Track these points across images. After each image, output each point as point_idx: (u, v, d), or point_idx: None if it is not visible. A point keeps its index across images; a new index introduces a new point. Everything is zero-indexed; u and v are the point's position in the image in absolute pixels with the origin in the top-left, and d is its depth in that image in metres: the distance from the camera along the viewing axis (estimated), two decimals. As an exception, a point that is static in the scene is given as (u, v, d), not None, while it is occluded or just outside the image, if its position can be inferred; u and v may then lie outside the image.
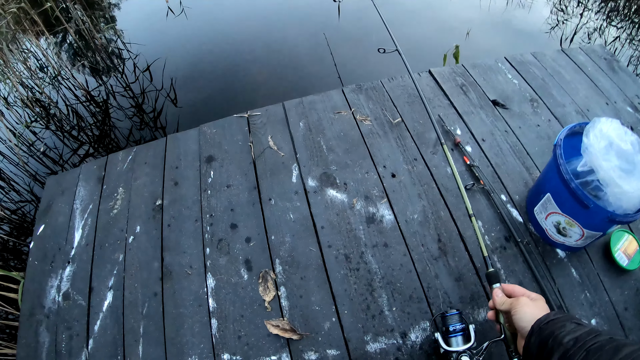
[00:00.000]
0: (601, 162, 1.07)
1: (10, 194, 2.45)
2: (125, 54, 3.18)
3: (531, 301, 0.85)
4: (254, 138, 1.61)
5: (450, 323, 1.05)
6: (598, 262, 1.32)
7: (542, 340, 0.73)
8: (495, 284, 0.99)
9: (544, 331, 0.74)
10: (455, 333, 1.03)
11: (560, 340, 0.69)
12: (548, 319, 0.76)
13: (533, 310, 0.81)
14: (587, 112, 1.73)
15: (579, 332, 0.69)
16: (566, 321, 0.73)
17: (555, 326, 0.73)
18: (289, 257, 1.31)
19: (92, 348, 1.25)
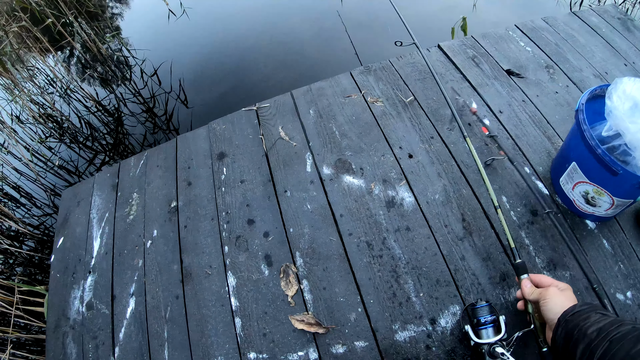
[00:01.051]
0: (627, 124, 1.00)
1: (32, 210, 2.48)
2: (132, 60, 3.19)
3: (560, 291, 0.86)
4: (265, 130, 1.57)
5: (481, 315, 1.03)
6: (630, 231, 1.25)
7: (568, 332, 0.75)
8: (523, 275, 1.00)
9: (570, 323, 0.76)
10: (485, 325, 1.01)
11: (584, 332, 0.71)
12: (574, 310, 0.78)
13: (562, 301, 0.83)
14: (605, 75, 1.65)
15: (602, 322, 0.71)
16: (591, 312, 0.75)
17: (581, 317, 0.75)
18: (309, 249, 1.27)
19: (118, 356, 1.25)
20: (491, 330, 1.00)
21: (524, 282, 0.97)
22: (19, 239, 2.33)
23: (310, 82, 1.69)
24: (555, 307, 0.82)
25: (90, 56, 3.20)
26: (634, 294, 1.15)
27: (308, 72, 2.77)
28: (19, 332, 1.84)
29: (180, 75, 2.94)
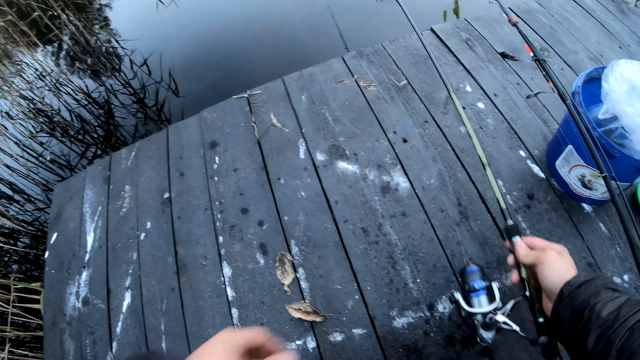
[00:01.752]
0: (624, 107, 0.99)
1: (26, 206, 2.46)
2: (121, 51, 3.14)
3: (558, 256, 0.76)
4: (256, 117, 1.54)
5: (472, 280, 0.95)
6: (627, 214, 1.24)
7: (575, 309, 0.66)
8: (515, 237, 0.88)
9: (576, 299, 0.66)
10: (477, 292, 0.94)
11: (598, 314, 0.62)
12: (579, 281, 0.68)
13: (560, 268, 0.74)
14: (600, 57, 1.64)
15: (617, 303, 0.62)
16: (600, 287, 0.66)
17: (589, 292, 0.66)
18: (305, 237, 1.26)
19: (116, 350, 1.24)
20: (484, 297, 0.92)
21: (517, 244, 0.86)
22: (14, 236, 2.31)
23: (302, 67, 1.66)
24: (554, 274, 0.73)
25: (79, 49, 3.15)
26: (631, 277, 1.15)
27: (300, 57, 2.74)
28: (17, 330, 1.83)
29: (171, 65, 2.89)
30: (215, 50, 2.96)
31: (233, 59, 2.87)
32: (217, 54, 2.93)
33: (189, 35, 3.12)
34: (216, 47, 2.98)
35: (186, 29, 3.18)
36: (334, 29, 2.88)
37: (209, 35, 3.07)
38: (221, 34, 3.07)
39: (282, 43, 2.92)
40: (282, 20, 3.10)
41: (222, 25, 3.13)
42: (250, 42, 2.96)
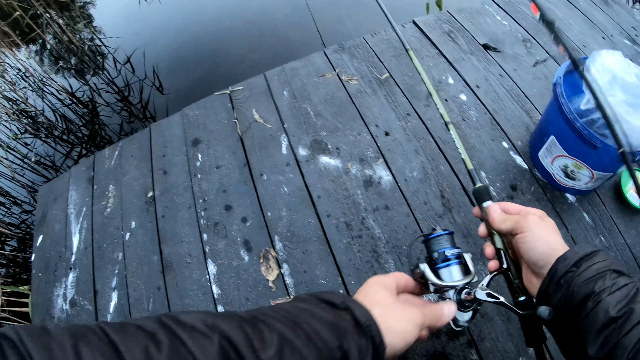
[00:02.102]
0: (606, 97, 0.99)
1: (12, 209, 2.43)
2: (104, 49, 3.11)
3: (541, 222, 0.63)
4: (239, 114, 1.53)
5: (441, 247, 0.71)
6: (610, 204, 1.26)
7: (572, 295, 0.54)
8: (487, 202, 0.72)
9: (574, 281, 0.54)
10: (448, 261, 0.69)
11: (606, 308, 0.49)
12: (576, 257, 0.56)
13: (546, 235, 0.61)
14: (583, 48, 1.65)
15: (627, 294, 0.50)
16: (604, 268, 0.54)
17: (589, 274, 0.53)
18: (288, 232, 1.26)
19: (104, 351, 1.23)
20: (456, 269, 0.69)
21: (490, 206, 0.70)
22: (1, 240, 2.29)
23: (285, 62, 1.65)
24: (539, 243, 0.60)
25: (62, 48, 3.11)
26: None
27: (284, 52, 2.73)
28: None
29: (154, 62, 2.87)
30: (199, 46, 2.94)
31: (217, 55, 2.85)
32: (200, 50, 2.91)
33: (172, 32, 3.10)
34: (200, 43, 2.96)
35: (169, 26, 3.15)
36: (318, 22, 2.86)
37: (193, 32, 3.05)
38: (204, 30, 3.05)
39: (265, 38, 2.90)
40: (266, 15, 3.08)
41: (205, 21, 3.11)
42: (234, 37, 2.94)
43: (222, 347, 0.41)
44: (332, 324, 0.49)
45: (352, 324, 0.50)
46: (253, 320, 0.46)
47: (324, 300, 0.53)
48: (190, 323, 0.43)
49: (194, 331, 0.42)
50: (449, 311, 0.62)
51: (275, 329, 0.45)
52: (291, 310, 0.50)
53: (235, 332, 0.43)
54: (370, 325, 0.50)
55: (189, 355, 0.39)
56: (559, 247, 0.59)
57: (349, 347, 0.47)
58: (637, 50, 1.65)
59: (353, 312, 0.51)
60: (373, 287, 0.60)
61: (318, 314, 0.50)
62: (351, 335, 0.49)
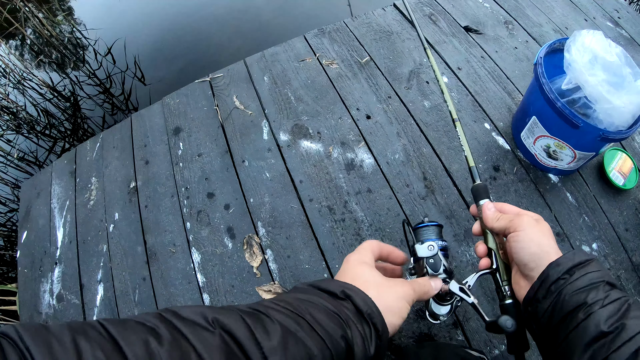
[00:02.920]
0: (587, 77, 1.00)
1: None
2: (85, 41, 3.06)
3: (535, 223, 0.62)
4: (219, 101, 1.52)
5: (428, 237, 0.75)
6: (593, 184, 1.27)
7: (563, 304, 0.52)
8: (483, 200, 0.72)
9: (566, 289, 0.52)
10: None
11: (597, 322, 0.48)
12: (570, 264, 0.54)
13: (539, 237, 0.59)
14: (565, 30, 1.64)
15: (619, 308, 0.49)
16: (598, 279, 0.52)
17: (582, 284, 0.52)
18: (271, 218, 1.25)
19: (92, 344, 1.22)
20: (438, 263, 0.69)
21: (485, 204, 0.70)
22: (-14, 239, 2.27)
23: (267, 48, 1.64)
24: (532, 243, 0.58)
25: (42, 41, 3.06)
26: (600, 246, 1.17)
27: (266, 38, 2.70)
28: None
29: (136, 53, 2.83)
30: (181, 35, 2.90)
31: (199, 44, 2.82)
32: (182, 39, 2.87)
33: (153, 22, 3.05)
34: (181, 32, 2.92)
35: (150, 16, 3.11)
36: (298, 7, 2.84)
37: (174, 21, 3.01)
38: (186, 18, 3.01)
39: (246, 25, 2.87)
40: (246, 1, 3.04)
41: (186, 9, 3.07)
42: (215, 25, 2.91)
43: (224, 340, 0.41)
44: (334, 313, 0.49)
45: (354, 312, 0.50)
46: (254, 313, 0.45)
47: (324, 290, 0.53)
48: (191, 317, 0.42)
49: (195, 325, 0.41)
50: (435, 285, 0.65)
51: (277, 321, 0.44)
52: (292, 301, 0.50)
53: (237, 325, 0.42)
54: (372, 312, 0.51)
55: (190, 349, 0.39)
56: (552, 251, 0.58)
57: (353, 336, 0.48)
58: (619, 33, 1.65)
59: (354, 300, 0.51)
60: (357, 267, 0.60)
61: (319, 304, 0.50)
62: (354, 324, 0.49)
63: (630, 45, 1.61)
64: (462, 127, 0.84)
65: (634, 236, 1.20)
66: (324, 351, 0.45)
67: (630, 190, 1.26)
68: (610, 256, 1.16)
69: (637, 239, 1.20)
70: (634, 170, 1.28)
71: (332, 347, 0.45)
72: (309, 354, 0.43)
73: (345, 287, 0.53)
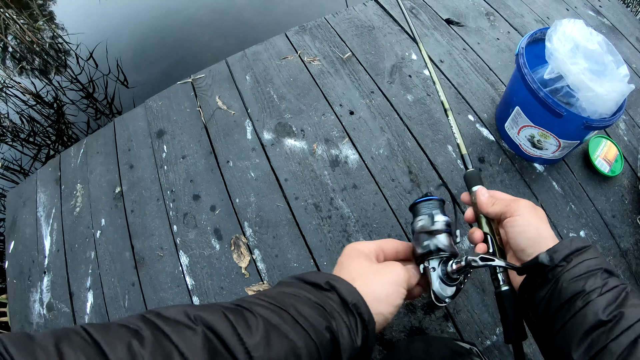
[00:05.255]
0: (569, 66, 1.00)
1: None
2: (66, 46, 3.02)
3: (532, 208, 0.61)
4: (202, 102, 1.51)
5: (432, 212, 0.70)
6: (579, 172, 1.28)
7: (560, 291, 0.51)
8: (477, 186, 0.73)
9: (563, 277, 0.51)
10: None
11: (595, 311, 0.47)
12: (567, 251, 0.53)
13: (536, 221, 0.59)
14: (547, 20, 1.65)
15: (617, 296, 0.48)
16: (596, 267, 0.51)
17: (580, 271, 0.51)
18: (257, 218, 1.25)
19: (84, 352, 1.22)
20: (446, 237, 0.65)
21: (479, 190, 0.70)
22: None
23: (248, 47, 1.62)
24: (529, 228, 0.58)
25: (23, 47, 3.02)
26: (587, 233, 1.18)
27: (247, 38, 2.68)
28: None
29: (118, 56, 2.80)
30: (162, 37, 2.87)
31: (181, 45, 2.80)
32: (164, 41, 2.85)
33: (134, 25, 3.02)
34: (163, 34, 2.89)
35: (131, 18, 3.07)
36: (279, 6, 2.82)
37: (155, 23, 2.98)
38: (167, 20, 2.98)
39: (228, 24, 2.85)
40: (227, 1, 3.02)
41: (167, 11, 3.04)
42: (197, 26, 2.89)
43: (207, 337, 0.40)
44: (318, 305, 0.48)
45: (339, 303, 0.50)
46: (237, 309, 0.45)
47: (308, 282, 0.53)
48: (173, 317, 0.42)
49: (177, 324, 0.41)
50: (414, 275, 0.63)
51: (259, 315, 0.44)
52: (275, 295, 0.49)
53: (219, 321, 0.42)
54: (357, 302, 0.50)
55: (173, 348, 0.38)
56: (549, 237, 0.57)
57: (338, 327, 0.47)
58: (601, 21, 1.66)
59: (338, 291, 0.50)
60: (350, 257, 0.60)
61: (303, 296, 0.49)
62: (339, 315, 0.48)
63: (612, 33, 1.62)
64: (453, 116, 0.84)
65: (620, 222, 1.21)
66: (308, 343, 0.44)
67: (616, 177, 1.28)
68: (598, 243, 1.17)
69: (624, 225, 1.21)
70: (619, 157, 1.29)
71: (316, 339, 0.45)
72: (293, 347, 0.43)
73: (330, 278, 0.52)
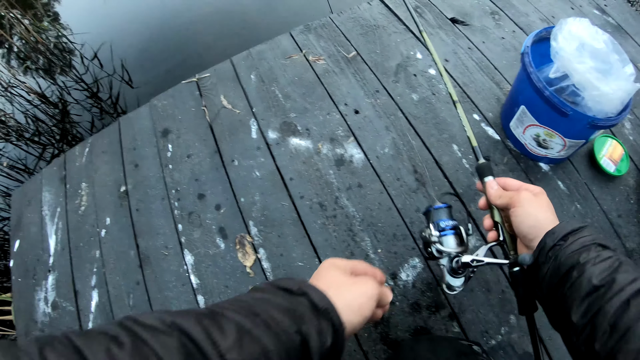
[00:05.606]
0: (575, 65, 0.99)
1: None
2: (71, 46, 3.03)
3: (534, 197, 0.68)
4: (207, 101, 1.51)
5: (439, 218, 0.85)
6: (584, 171, 1.27)
7: (559, 266, 0.57)
8: (488, 177, 0.78)
9: (561, 253, 0.57)
10: (444, 231, 0.83)
11: (589, 278, 0.52)
12: (564, 231, 0.59)
13: (536, 210, 0.66)
14: (552, 18, 1.64)
15: (610, 265, 0.53)
16: (590, 241, 0.57)
17: (575, 247, 0.57)
18: (262, 217, 1.25)
19: (89, 351, 1.22)
20: (452, 238, 0.81)
21: (489, 182, 0.77)
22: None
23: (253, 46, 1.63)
24: (529, 217, 0.65)
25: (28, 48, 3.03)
26: None
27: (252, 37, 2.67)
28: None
29: (122, 56, 2.80)
30: (167, 37, 2.87)
31: (186, 45, 2.79)
32: (168, 41, 2.85)
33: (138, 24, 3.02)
34: (167, 34, 2.89)
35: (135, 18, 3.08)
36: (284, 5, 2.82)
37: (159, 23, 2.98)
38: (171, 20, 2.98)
39: (233, 24, 2.85)
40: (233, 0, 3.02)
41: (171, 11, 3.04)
42: (201, 26, 2.89)
43: (182, 342, 0.42)
44: (289, 309, 0.49)
45: (310, 308, 0.50)
46: (211, 314, 0.46)
47: (281, 288, 0.53)
48: (150, 323, 0.43)
49: (154, 330, 0.42)
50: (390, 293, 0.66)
51: (232, 320, 0.45)
52: (249, 300, 0.51)
53: (194, 326, 0.43)
54: (328, 308, 0.51)
55: (150, 352, 0.39)
56: (548, 222, 0.63)
57: (308, 331, 0.48)
58: (606, 20, 1.66)
59: (310, 296, 0.51)
60: (327, 269, 0.61)
61: (275, 301, 0.50)
62: (309, 320, 0.49)
63: (617, 32, 1.62)
64: (461, 108, 0.87)
65: (626, 222, 1.20)
66: (279, 346, 0.45)
67: (622, 177, 1.27)
68: (603, 242, 1.16)
69: (629, 225, 1.20)
70: (624, 156, 1.28)
71: (287, 342, 0.46)
72: (264, 350, 0.44)
73: (303, 284, 0.53)
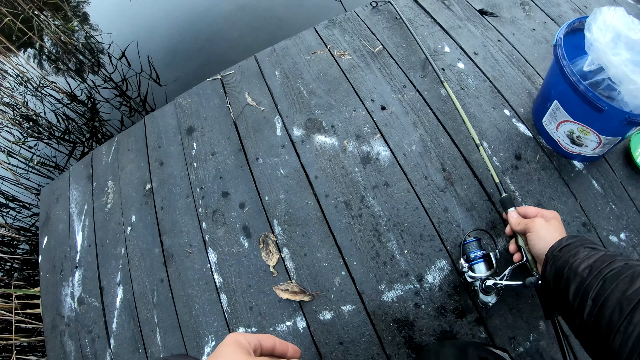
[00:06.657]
0: (610, 57, 0.93)
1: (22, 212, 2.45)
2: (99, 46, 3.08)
3: (545, 222, 0.83)
4: (231, 98, 1.50)
5: (470, 250, 1.00)
6: (619, 170, 1.19)
7: (557, 270, 0.71)
8: (510, 208, 0.97)
9: (558, 260, 0.72)
10: (475, 260, 0.98)
11: (575, 270, 0.66)
12: (561, 245, 0.74)
13: (547, 234, 0.80)
14: (585, 8, 1.56)
15: (593, 258, 0.66)
16: (579, 247, 0.71)
17: (569, 254, 0.71)
18: (287, 216, 1.23)
19: (114, 346, 1.24)
20: (482, 265, 0.97)
21: (510, 213, 0.96)
22: (13, 244, 2.31)
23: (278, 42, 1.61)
24: (540, 240, 0.80)
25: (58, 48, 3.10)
26: (628, 235, 1.10)
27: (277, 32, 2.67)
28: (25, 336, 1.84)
29: (150, 53, 2.83)
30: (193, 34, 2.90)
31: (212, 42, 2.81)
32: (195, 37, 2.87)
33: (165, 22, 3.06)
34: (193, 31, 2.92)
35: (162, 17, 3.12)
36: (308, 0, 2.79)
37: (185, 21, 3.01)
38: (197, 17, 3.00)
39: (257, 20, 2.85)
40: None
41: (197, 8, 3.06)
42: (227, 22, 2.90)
43: None
44: None
45: None
46: None
47: None
48: None
49: None
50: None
51: None
52: None
53: None
54: None
55: None
56: (554, 242, 0.77)
57: None
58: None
59: None
60: (228, 346, 0.56)
61: None
62: None
63: (655, 22, 1.53)
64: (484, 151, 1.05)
65: (663, 225, 1.13)
66: None
67: (659, 177, 1.19)
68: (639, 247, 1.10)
69: (667, 228, 1.13)
70: (662, 155, 1.21)
71: None
72: None
73: None
